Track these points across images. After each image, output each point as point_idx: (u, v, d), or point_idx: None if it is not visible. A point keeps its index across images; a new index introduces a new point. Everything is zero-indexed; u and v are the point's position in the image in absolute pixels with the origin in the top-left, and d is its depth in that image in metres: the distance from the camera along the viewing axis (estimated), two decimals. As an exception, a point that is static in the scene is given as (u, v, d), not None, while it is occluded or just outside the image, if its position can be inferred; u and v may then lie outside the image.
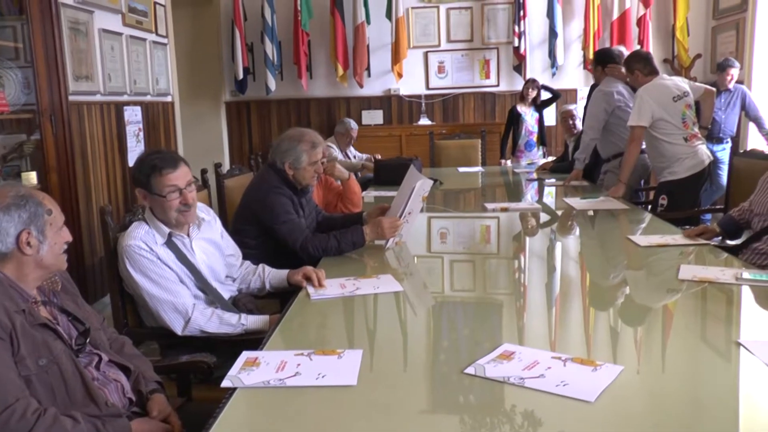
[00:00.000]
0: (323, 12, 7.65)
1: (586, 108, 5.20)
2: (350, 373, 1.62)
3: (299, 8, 7.48)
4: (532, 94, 6.73)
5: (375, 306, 2.27)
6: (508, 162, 6.72)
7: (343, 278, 2.47)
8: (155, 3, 5.83)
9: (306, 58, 7.68)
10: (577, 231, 3.65)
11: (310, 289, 2.37)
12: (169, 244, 2.29)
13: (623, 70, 4.48)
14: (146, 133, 5.53)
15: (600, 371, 1.59)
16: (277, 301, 2.68)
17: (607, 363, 1.64)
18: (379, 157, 6.06)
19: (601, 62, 4.94)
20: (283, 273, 2.59)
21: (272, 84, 7.62)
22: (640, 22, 7.37)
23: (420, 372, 1.75)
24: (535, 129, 6.76)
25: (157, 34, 5.88)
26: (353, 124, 5.85)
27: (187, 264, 2.31)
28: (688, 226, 3.60)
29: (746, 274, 2.35)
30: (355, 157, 6.09)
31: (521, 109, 6.81)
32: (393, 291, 2.35)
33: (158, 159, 2.28)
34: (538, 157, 6.75)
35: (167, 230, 2.30)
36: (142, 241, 2.24)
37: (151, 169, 2.26)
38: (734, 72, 6.14)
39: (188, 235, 2.38)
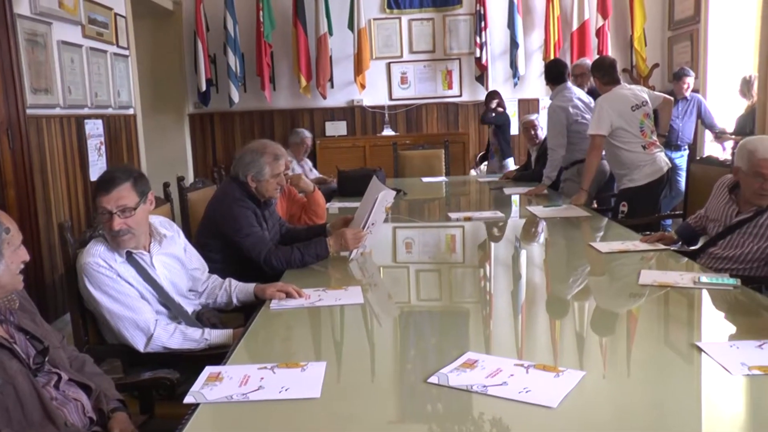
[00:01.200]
0: (285, 23, 7.64)
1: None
2: (314, 386, 1.61)
3: (261, 19, 7.46)
4: (492, 104, 6.85)
5: (341, 317, 2.26)
6: (476, 171, 6.80)
7: (310, 289, 2.46)
8: (116, 14, 5.76)
9: (269, 70, 7.66)
10: (541, 239, 3.69)
11: (274, 301, 2.36)
12: (130, 260, 2.26)
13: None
14: (108, 147, 5.45)
15: (562, 377, 1.61)
16: (241, 314, 2.65)
17: (569, 369, 1.66)
18: (329, 179, 6.03)
19: (552, 81, 5.03)
20: (250, 287, 2.56)
21: (235, 96, 7.57)
22: (599, 32, 7.52)
23: (386, 382, 1.76)
24: (494, 141, 6.88)
25: (118, 45, 5.80)
26: (307, 133, 5.84)
27: (149, 280, 2.28)
28: (648, 232, 3.68)
29: (703, 278, 2.41)
30: (311, 170, 6.07)
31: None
32: (355, 303, 2.34)
33: (100, 179, 2.24)
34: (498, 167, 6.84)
35: (125, 249, 2.27)
36: (101, 258, 2.20)
37: (95, 188, 2.23)
38: (690, 81, 6.30)
39: (148, 251, 2.34)
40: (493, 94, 6.85)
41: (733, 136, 6.05)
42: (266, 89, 7.59)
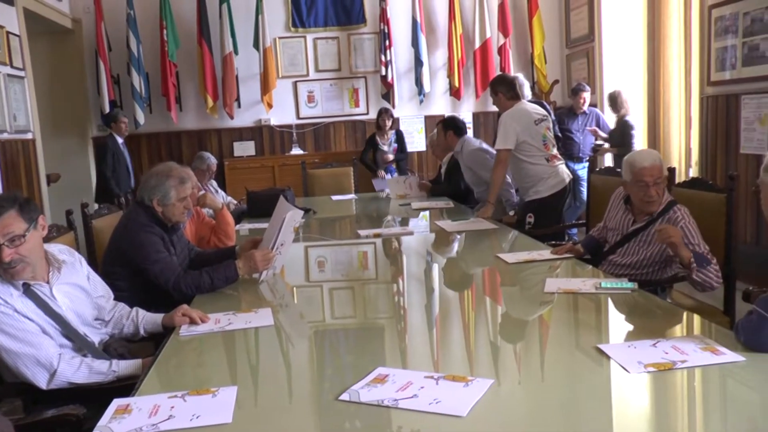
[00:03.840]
0: (190, 42, 7.54)
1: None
2: (225, 411, 1.60)
3: (165, 38, 7.33)
4: (388, 123, 6.99)
5: (255, 340, 2.24)
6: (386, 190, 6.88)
7: (220, 313, 2.42)
8: (8, 33, 5.51)
9: (175, 90, 7.53)
10: (451, 252, 3.77)
11: (183, 327, 2.31)
12: (28, 293, 2.16)
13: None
14: (4, 174, 5.19)
15: (471, 386, 1.66)
16: (151, 343, 2.58)
17: (478, 378, 1.71)
18: (236, 203, 5.97)
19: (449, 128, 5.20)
20: (158, 317, 2.49)
21: (141, 117, 7.39)
22: (501, 50, 7.80)
23: (302, 403, 1.76)
24: (393, 157, 7.07)
25: (12, 66, 5.56)
26: (213, 159, 5.76)
27: (50, 312, 2.18)
28: (554, 242, 3.82)
29: (604, 284, 2.53)
30: (216, 191, 5.98)
31: (379, 138, 7.10)
32: (266, 325, 2.32)
33: None
34: None
35: (21, 280, 2.16)
36: (-4, 295, 2.09)
37: None
38: (586, 95, 6.63)
39: (47, 282, 2.25)
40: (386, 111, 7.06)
41: (611, 148, 6.41)
42: (172, 110, 7.45)
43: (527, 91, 5.47)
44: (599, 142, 6.64)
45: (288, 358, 2.16)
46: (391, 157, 7.08)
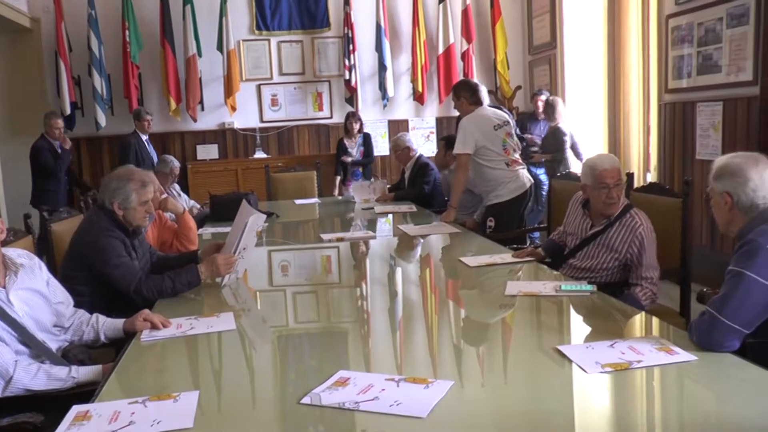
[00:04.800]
0: (153, 43, 7.46)
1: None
2: (186, 416, 1.59)
3: (128, 39, 7.24)
4: (356, 126, 7.01)
5: (218, 345, 2.24)
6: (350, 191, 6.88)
7: (182, 318, 2.41)
8: (-38, 34, 5.39)
9: (137, 92, 7.44)
10: (414, 256, 3.79)
11: (145, 332, 2.29)
12: (-18, 299, 2.12)
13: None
14: (-42, 176, 5.07)
15: (432, 388, 1.68)
16: (112, 349, 2.55)
17: (438, 380, 1.73)
18: (199, 207, 5.93)
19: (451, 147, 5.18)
20: (119, 323, 2.46)
21: (102, 119, 7.28)
22: (465, 56, 7.88)
23: (265, 407, 1.76)
24: (359, 160, 7.11)
25: (-34, 67, 5.43)
26: (176, 162, 5.70)
27: (6, 318, 2.14)
28: (515, 245, 3.88)
29: (564, 287, 2.59)
30: (179, 194, 5.92)
31: (347, 142, 7.12)
32: (228, 329, 2.32)
33: None
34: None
35: None
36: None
37: None
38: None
39: (4, 287, 2.20)
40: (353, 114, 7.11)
41: (544, 154, 6.52)
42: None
43: (486, 97, 5.54)
44: (534, 149, 6.75)
45: (251, 363, 2.16)
46: (351, 159, 7.08)
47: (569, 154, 6.42)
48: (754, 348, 1.94)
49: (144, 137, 6.70)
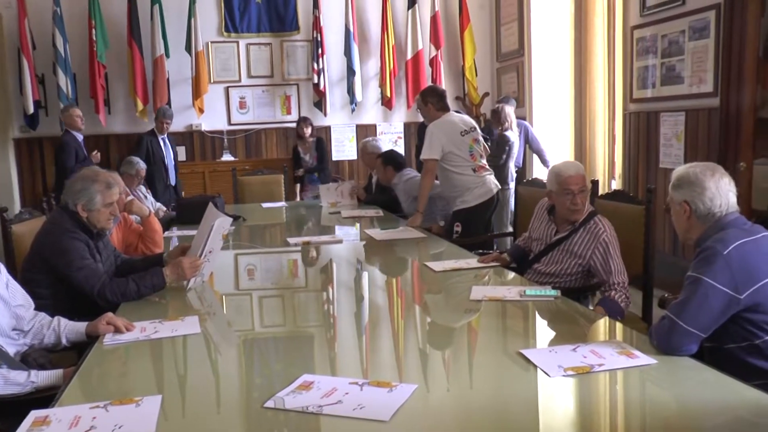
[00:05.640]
0: (120, 43, 7.36)
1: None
2: (148, 421, 1.58)
3: (94, 38, 7.12)
4: (307, 131, 7.00)
5: (183, 349, 2.22)
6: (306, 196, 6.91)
7: (146, 321, 2.38)
8: None
9: (103, 92, 7.32)
10: (380, 260, 3.80)
11: (107, 336, 2.26)
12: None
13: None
14: None
15: (395, 391, 1.70)
16: (73, 353, 2.51)
17: (402, 383, 1.75)
18: (166, 210, 5.88)
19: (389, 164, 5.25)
20: (81, 326, 2.42)
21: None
22: (433, 62, 7.93)
23: (229, 411, 1.74)
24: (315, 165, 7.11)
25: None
26: (142, 164, 5.63)
27: (-37, 321, 2.10)
28: (482, 250, 3.91)
29: (529, 291, 2.62)
30: (146, 196, 5.85)
31: (300, 148, 7.14)
32: (192, 333, 2.30)
33: None
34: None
35: None
36: None
37: None
38: (507, 108, 6.63)
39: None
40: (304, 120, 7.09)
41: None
42: (101, 112, 7.24)
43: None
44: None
45: (216, 367, 2.14)
46: (302, 171, 7.07)
47: (534, 159, 6.45)
48: (711, 352, 2.00)
49: (161, 137, 6.73)
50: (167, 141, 6.84)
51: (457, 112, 4.86)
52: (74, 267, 2.71)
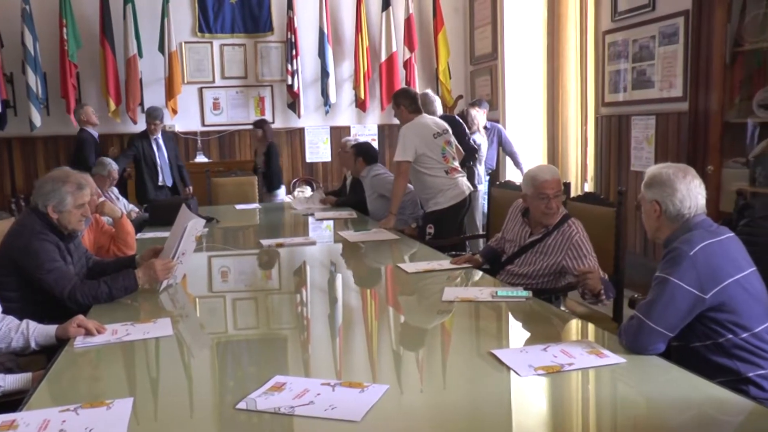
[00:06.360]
0: (92, 42, 7.27)
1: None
2: (120, 423, 1.57)
3: (65, 37, 7.02)
4: (258, 133, 6.97)
5: (156, 351, 2.20)
6: (290, 198, 6.86)
7: (118, 324, 2.36)
8: None
9: (75, 92, 7.22)
10: (354, 262, 3.81)
11: (78, 338, 2.24)
12: None
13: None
14: None
15: (367, 392, 1.71)
16: (43, 356, 2.47)
17: (374, 384, 1.76)
18: (138, 211, 5.82)
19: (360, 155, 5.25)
20: (51, 329, 2.38)
21: (37, 119, 7.01)
22: (407, 64, 7.96)
23: (202, 414, 1.74)
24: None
25: None
26: (114, 165, 5.57)
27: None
28: (454, 252, 3.93)
29: (500, 292, 2.65)
30: (117, 198, 5.79)
31: (258, 149, 7.12)
32: (164, 335, 2.29)
33: None
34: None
35: None
36: None
37: None
38: (473, 112, 6.68)
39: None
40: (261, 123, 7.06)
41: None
42: (72, 113, 7.14)
43: (438, 107, 5.63)
44: None
45: (189, 370, 2.13)
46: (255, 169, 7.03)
47: (508, 161, 6.47)
48: (678, 351, 2.04)
49: (153, 138, 6.62)
50: (160, 141, 6.70)
51: (448, 117, 4.88)
52: (44, 269, 2.67)
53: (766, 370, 1.96)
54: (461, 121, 6.03)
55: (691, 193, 2.09)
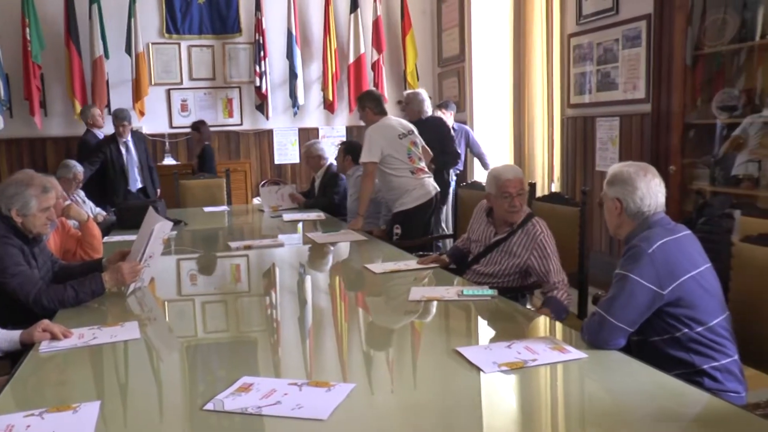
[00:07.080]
0: (57, 43, 7.16)
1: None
2: (86, 427, 1.56)
3: (29, 38, 6.90)
4: (196, 135, 6.95)
5: (125, 355, 2.19)
6: (258, 200, 6.83)
7: (85, 328, 2.35)
8: None
9: (39, 94, 7.10)
10: (322, 263, 3.83)
11: (44, 343, 2.22)
12: None
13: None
14: None
15: (333, 391, 1.73)
16: (7, 362, 2.44)
17: (340, 383, 1.78)
18: (106, 214, 5.76)
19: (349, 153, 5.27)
20: (15, 334, 2.35)
21: (-1, 122, 6.92)
22: (375, 66, 7.99)
23: (171, 417, 1.75)
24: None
25: None
26: (80, 167, 5.50)
27: None
28: (422, 252, 3.97)
29: (466, 291, 2.69)
30: (84, 201, 5.72)
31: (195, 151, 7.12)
32: (132, 338, 2.28)
33: None
34: None
35: None
36: None
37: None
38: (440, 113, 6.71)
39: None
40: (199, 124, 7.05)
41: None
42: (36, 115, 7.03)
43: (428, 108, 5.67)
44: None
45: (157, 372, 2.13)
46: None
47: (475, 162, 6.50)
48: (637, 345, 2.10)
49: (122, 140, 6.54)
50: (130, 144, 6.62)
51: (436, 118, 4.87)
52: (8, 273, 2.64)
53: (719, 362, 2.03)
54: (448, 125, 6.04)
55: (651, 191, 2.16)
